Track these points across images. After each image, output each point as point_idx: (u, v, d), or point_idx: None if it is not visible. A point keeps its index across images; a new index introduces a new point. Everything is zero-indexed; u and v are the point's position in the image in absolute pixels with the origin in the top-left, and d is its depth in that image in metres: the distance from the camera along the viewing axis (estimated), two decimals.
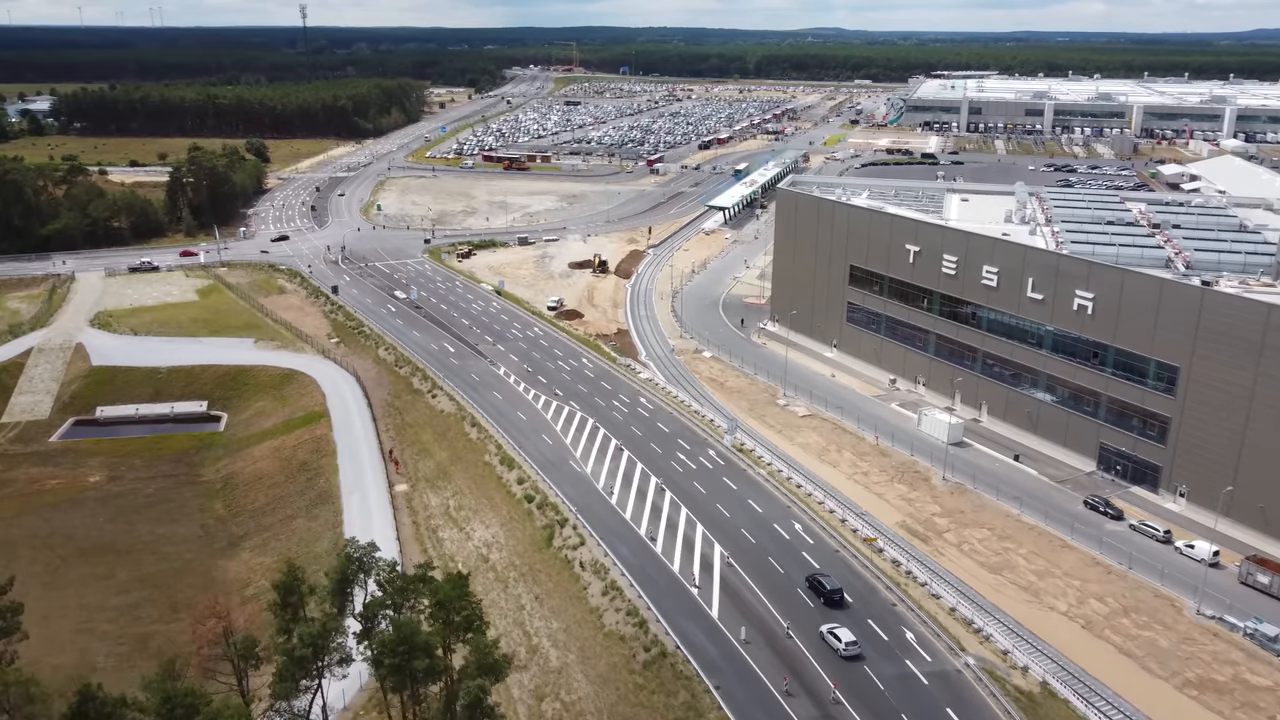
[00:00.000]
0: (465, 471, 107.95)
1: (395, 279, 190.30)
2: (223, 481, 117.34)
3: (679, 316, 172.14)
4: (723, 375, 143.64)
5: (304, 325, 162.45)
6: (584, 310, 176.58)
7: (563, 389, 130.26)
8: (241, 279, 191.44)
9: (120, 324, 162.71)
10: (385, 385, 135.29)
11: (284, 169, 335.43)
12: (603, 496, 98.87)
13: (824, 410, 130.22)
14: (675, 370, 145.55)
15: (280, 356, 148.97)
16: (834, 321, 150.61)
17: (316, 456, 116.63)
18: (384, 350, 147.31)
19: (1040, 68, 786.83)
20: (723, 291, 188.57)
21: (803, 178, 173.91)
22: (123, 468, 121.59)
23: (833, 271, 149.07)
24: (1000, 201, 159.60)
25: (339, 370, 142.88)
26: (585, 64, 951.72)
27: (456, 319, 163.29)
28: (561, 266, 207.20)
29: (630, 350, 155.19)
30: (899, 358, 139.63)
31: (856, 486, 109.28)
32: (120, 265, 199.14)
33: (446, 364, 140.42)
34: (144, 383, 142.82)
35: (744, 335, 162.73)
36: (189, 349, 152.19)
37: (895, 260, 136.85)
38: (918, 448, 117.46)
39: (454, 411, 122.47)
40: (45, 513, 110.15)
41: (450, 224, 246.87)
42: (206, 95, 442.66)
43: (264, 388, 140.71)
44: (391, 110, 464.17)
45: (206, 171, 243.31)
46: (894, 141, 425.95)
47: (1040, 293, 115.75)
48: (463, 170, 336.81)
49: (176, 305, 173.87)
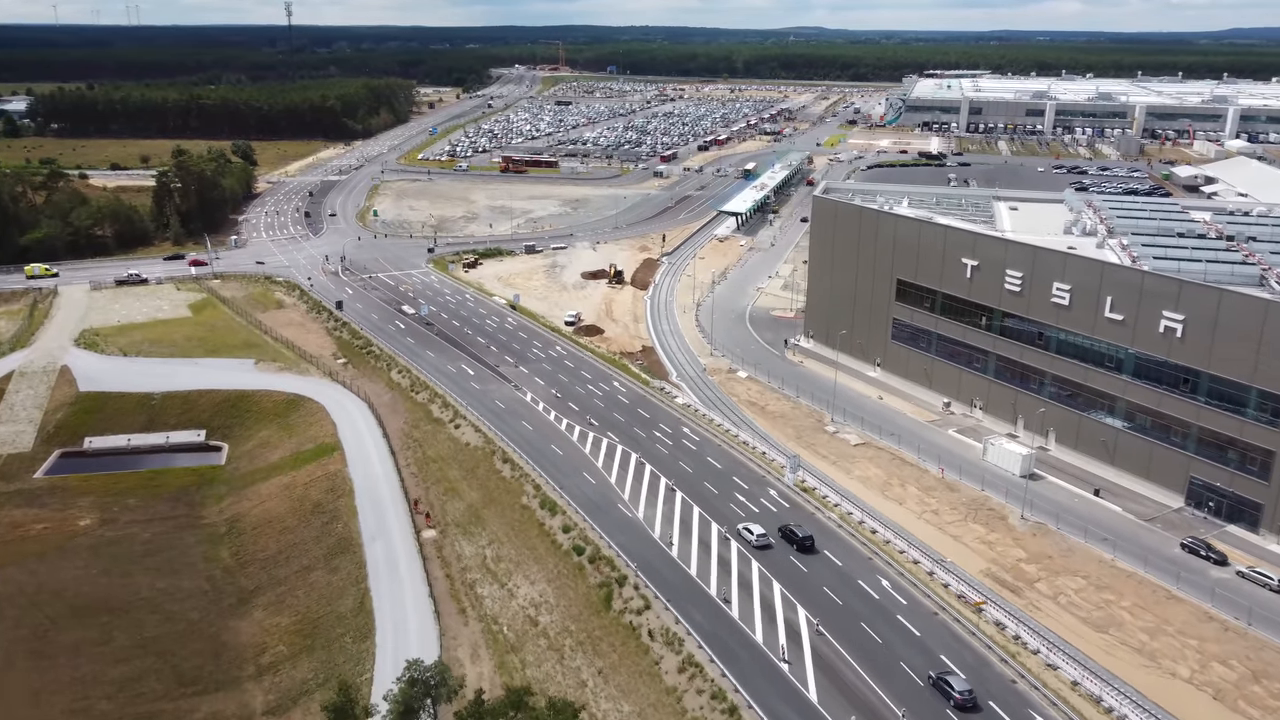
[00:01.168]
0: (501, 516, 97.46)
1: (401, 292, 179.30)
2: (228, 525, 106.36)
3: (705, 331, 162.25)
4: (762, 398, 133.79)
5: (307, 344, 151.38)
6: (603, 325, 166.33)
7: (597, 417, 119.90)
8: (236, 292, 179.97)
9: (108, 343, 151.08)
10: (401, 413, 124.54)
11: (272, 172, 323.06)
12: (661, 548, 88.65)
13: (877, 438, 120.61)
14: (711, 393, 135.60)
15: (284, 380, 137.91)
16: (877, 339, 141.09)
17: (332, 496, 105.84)
18: (397, 373, 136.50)
19: (1029, 67, 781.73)
20: (747, 304, 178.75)
21: (835, 184, 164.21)
22: (116, 508, 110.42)
23: (877, 286, 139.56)
24: (1052, 210, 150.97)
25: (349, 395, 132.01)
26: (571, 63, 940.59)
27: (471, 336, 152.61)
28: (574, 277, 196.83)
29: (659, 370, 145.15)
30: (952, 379, 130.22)
31: (929, 528, 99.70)
32: (106, 278, 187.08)
33: (467, 389, 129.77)
34: (136, 410, 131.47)
35: (777, 353, 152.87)
36: (184, 371, 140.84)
37: (949, 275, 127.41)
38: (987, 481, 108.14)
39: (481, 445, 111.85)
40: (31, 564, 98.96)
41: (451, 231, 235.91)
42: (189, 96, 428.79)
43: (267, 415, 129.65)
44: (380, 111, 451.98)
45: (194, 176, 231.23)
46: (895, 142, 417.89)
47: (1120, 313, 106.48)
48: (459, 173, 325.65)
49: (168, 322, 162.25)
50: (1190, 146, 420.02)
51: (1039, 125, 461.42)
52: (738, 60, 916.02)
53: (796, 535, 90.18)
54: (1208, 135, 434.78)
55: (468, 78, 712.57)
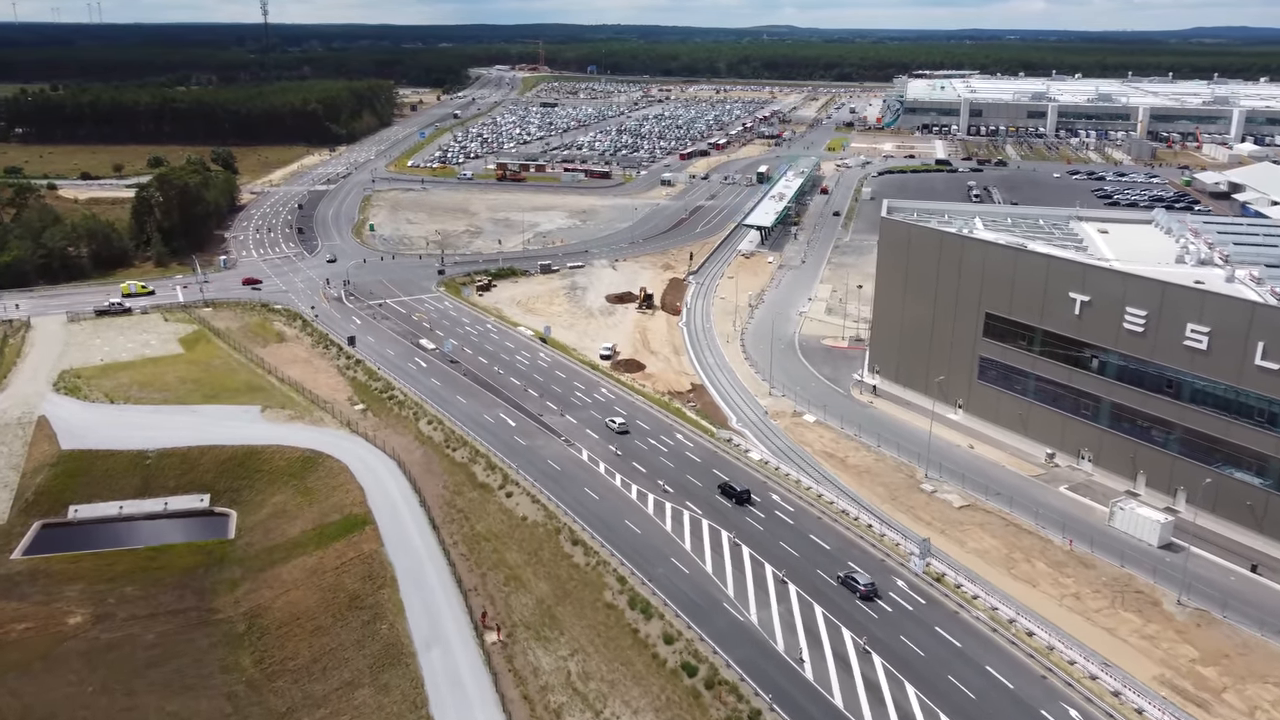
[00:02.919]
0: (581, 616, 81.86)
1: (415, 322, 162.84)
2: (247, 621, 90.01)
3: (755, 364, 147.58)
4: (838, 447, 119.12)
5: (318, 386, 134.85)
6: (643, 358, 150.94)
7: (670, 481, 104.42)
8: (231, 323, 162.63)
9: (92, 388, 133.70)
10: (438, 475, 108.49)
11: (255, 181, 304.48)
12: (791, 667, 73.48)
13: (983, 498, 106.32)
14: (779, 441, 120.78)
15: (296, 431, 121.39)
16: (960, 378, 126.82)
17: (371, 586, 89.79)
18: (426, 423, 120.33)
19: (1012, 66, 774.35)
20: (792, 331, 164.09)
21: (898, 202, 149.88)
22: (111, 600, 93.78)
23: (960, 319, 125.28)
24: (1144, 233, 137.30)
25: (373, 451, 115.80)
26: (550, 63, 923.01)
27: (503, 377, 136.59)
28: (598, 300, 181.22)
29: (714, 413, 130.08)
30: (1055, 427, 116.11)
31: (1074, 618, 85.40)
32: (84, 307, 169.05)
33: (511, 444, 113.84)
34: (128, 471, 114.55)
35: (841, 391, 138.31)
36: (181, 423, 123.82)
37: (1053, 310, 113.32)
38: (1125, 556, 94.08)
39: (542, 519, 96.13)
40: (12, 680, 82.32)
41: (456, 246, 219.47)
42: (162, 98, 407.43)
43: (281, 475, 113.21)
44: (363, 114, 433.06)
45: (177, 190, 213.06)
46: (899, 146, 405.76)
47: (1275, 361, 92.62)
48: (460, 182, 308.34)
49: (158, 360, 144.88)
50: (1198, 150, 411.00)
51: (1041, 128, 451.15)
52: (720, 60, 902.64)
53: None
54: (1212, 137, 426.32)
55: (447, 78, 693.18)
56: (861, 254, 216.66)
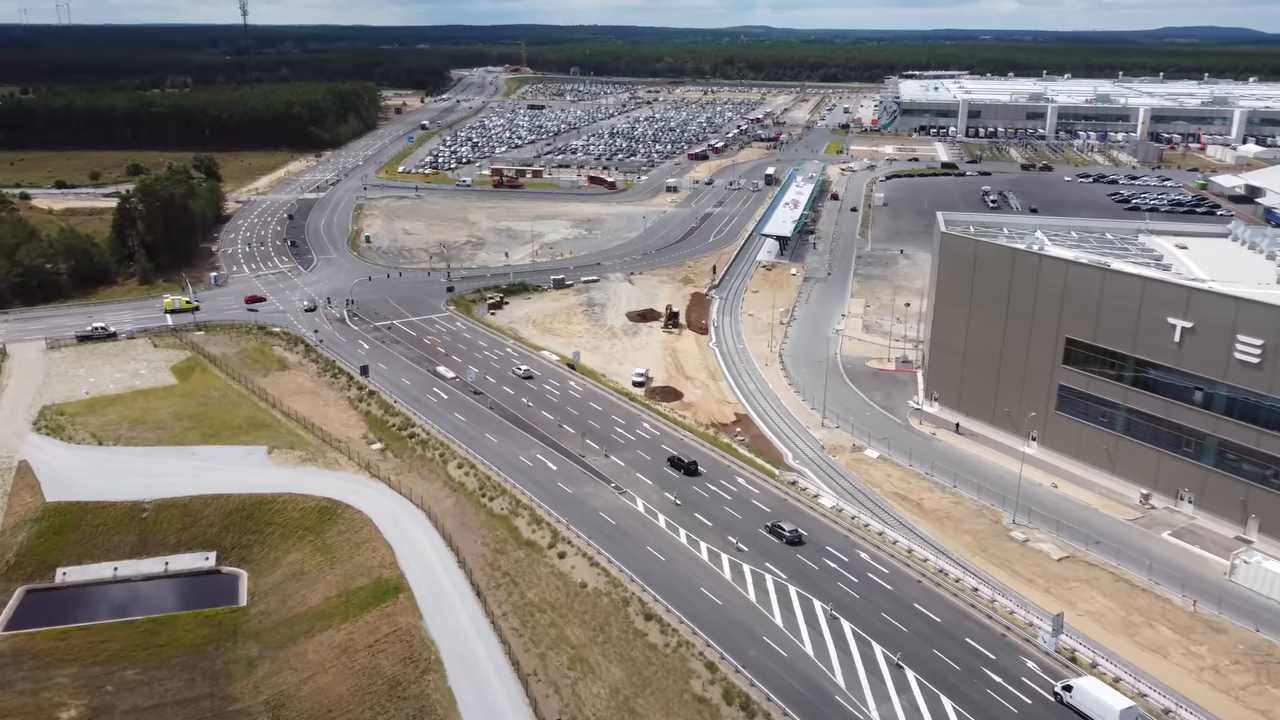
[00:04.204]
0: (669, 713, 70.21)
1: (429, 346, 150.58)
2: (270, 713, 77.92)
3: (799, 389, 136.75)
4: (911, 488, 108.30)
5: (328, 422, 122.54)
6: (678, 384, 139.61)
7: (742, 537, 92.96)
8: (227, 348, 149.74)
9: (77, 426, 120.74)
10: (475, 529, 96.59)
11: (240, 190, 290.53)
12: None
13: (1083, 548, 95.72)
14: (844, 481, 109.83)
15: (309, 476, 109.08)
16: (1035, 408, 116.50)
17: (413, 671, 77.89)
18: (456, 466, 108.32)
19: (998, 67, 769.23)
20: (832, 352, 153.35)
21: (954, 216, 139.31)
22: (110, 686, 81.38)
23: (1035, 345, 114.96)
24: (1226, 248, 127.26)
25: (397, 500, 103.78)
26: (532, 64, 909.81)
27: (534, 410, 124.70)
28: (619, 319, 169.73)
29: (766, 448, 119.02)
30: (1149, 464, 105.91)
31: (1220, 697, 75.05)
32: (65, 331, 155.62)
33: (555, 492, 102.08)
34: (122, 525, 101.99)
35: (898, 420, 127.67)
36: (180, 467, 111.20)
37: (1147, 337, 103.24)
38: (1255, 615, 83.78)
39: (604, 586, 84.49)
40: None
41: (460, 260, 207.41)
42: (139, 102, 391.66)
43: (295, 529, 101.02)
44: (348, 118, 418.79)
45: (161, 201, 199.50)
46: (900, 148, 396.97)
47: None
48: (460, 189, 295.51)
49: (150, 393, 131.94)
50: (1202, 151, 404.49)
51: (1040, 129, 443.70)
52: (704, 61, 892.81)
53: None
54: (1212, 139, 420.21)
55: (429, 80, 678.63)
56: (887, 265, 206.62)
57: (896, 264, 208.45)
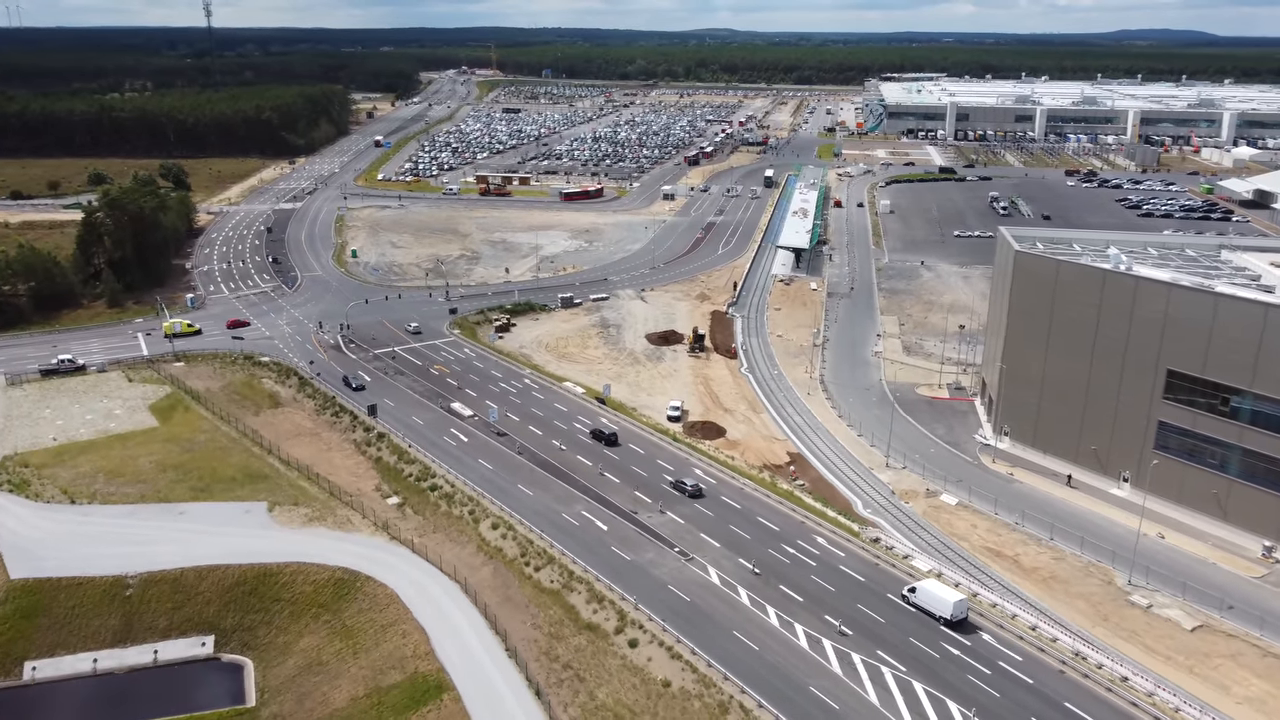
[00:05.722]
0: None
1: (438, 377, 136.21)
2: None
3: (851, 423, 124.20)
4: (1003, 542, 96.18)
5: (334, 471, 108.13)
6: (717, 418, 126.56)
7: (840, 616, 79.74)
8: (210, 382, 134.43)
9: (45, 481, 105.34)
10: (521, 606, 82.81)
11: (212, 199, 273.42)
12: None
13: (1215, 614, 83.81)
14: (926, 534, 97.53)
15: (318, 540, 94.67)
16: (1128, 446, 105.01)
17: None
18: (490, 527, 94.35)
19: (971, 69, 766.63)
20: (876, 377, 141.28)
21: (1022, 231, 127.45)
22: None
23: (1130, 376, 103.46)
24: None
25: (425, 569, 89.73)
26: (501, 66, 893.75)
27: (568, 455, 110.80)
28: (638, 341, 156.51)
29: (829, 493, 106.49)
30: (1270, 512, 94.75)
31: None
32: (27, 365, 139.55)
33: (609, 559, 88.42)
34: (103, 606, 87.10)
35: (968, 458, 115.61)
36: (167, 531, 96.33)
37: (1269, 370, 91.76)
38: None
39: (693, 686, 71.00)
40: None
41: (457, 276, 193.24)
42: (99, 106, 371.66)
43: (308, 607, 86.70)
44: (320, 123, 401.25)
45: (129, 215, 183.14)
46: (891, 152, 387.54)
47: None
48: (438, 198, 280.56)
49: (127, 438, 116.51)
50: (1195, 154, 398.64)
51: (1030, 131, 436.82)
52: (677, 64, 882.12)
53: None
54: (1203, 140, 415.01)
55: (398, 83, 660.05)
56: (909, 278, 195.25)
57: (919, 276, 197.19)
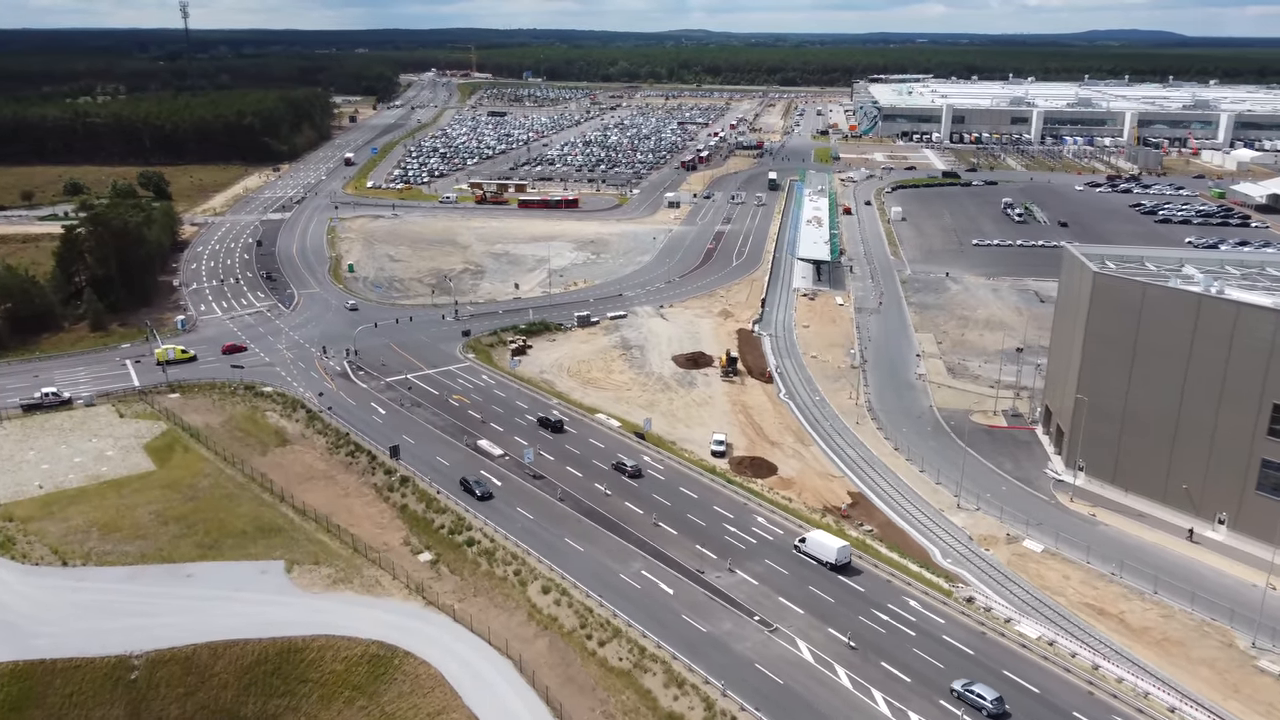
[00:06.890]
0: None
1: (458, 409, 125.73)
2: None
3: (910, 456, 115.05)
4: (1101, 596, 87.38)
5: (355, 522, 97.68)
6: (764, 452, 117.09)
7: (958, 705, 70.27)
8: (210, 417, 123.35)
9: (31, 537, 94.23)
10: (587, 689, 72.84)
11: (195, 210, 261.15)
12: None
13: None
14: (1015, 588, 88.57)
15: (346, 607, 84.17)
16: (1225, 486, 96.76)
17: None
18: (539, 590, 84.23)
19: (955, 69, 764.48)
20: (926, 403, 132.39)
21: (1090, 249, 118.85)
22: None
23: (1228, 410, 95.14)
24: None
25: (470, 640, 79.50)
26: (480, 68, 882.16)
27: (614, 501, 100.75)
28: (665, 364, 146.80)
29: (902, 540, 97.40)
30: None
31: None
32: (7, 398, 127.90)
33: (682, 632, 78.42)
34: (104, 692, 76.35)
35: (1042, 496, 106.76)
36: (174, 599, 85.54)
37: None
38: None
39: None
40: None
41: (462, 292, 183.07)
42: (74, 111, 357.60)
43: (340, 689, 76.26)
44: (303, 128, 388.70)
45: (113, 230, 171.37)
46: (889, 155, 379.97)
47: None
48: (432, 207, 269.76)
49: (122, 484, 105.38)
50: (1195, 156, 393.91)
51: (1026, 134, 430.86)
52: (660, 66, 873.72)
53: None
54: (1201, 142, 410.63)
55: (378, 86, 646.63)
56: (937, 292, 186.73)
57: (946, 290, 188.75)
